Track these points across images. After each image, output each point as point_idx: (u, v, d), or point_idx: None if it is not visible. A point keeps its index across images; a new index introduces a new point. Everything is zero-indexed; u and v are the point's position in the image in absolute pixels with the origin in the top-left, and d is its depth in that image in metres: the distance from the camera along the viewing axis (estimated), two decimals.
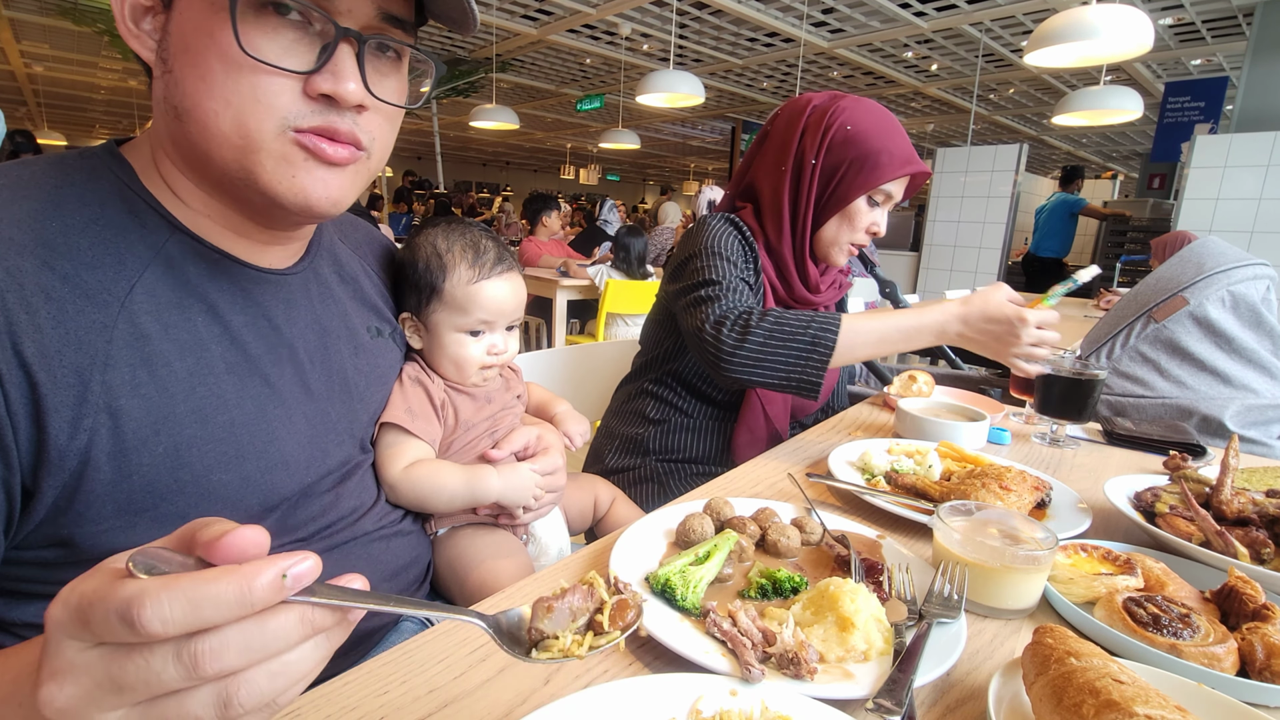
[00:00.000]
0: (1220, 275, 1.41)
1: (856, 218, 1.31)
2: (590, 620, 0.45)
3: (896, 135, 1.29)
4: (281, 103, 0.58)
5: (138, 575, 0.30)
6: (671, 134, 15.69)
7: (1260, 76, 5.10)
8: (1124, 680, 0.48)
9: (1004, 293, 1.16)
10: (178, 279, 0.62)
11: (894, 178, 1.28)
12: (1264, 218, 4.69)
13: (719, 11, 6.95)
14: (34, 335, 0.53)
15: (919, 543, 0.86)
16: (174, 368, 0.60)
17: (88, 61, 10.24)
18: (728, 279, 1.23)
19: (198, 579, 0.29)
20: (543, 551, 0.97)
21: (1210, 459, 1.18)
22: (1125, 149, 13.76)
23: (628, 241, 4.34)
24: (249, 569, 0.30)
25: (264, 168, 0.60)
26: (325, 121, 0.60)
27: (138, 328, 0.58)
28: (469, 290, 0.90)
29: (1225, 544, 0.79)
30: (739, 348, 1.12)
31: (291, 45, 0.58)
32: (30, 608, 0.60)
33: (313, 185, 0.62)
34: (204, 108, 0.58)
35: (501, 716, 0.53)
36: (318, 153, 0.61)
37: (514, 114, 8.18)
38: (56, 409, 0.53)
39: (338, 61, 0.59)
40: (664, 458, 1.40)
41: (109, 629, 0.29)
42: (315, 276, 0.78)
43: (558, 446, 0.99)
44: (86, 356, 0.55)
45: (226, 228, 0.67)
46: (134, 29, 0.61)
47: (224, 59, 0.56)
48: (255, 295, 0.69)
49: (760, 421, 1.35)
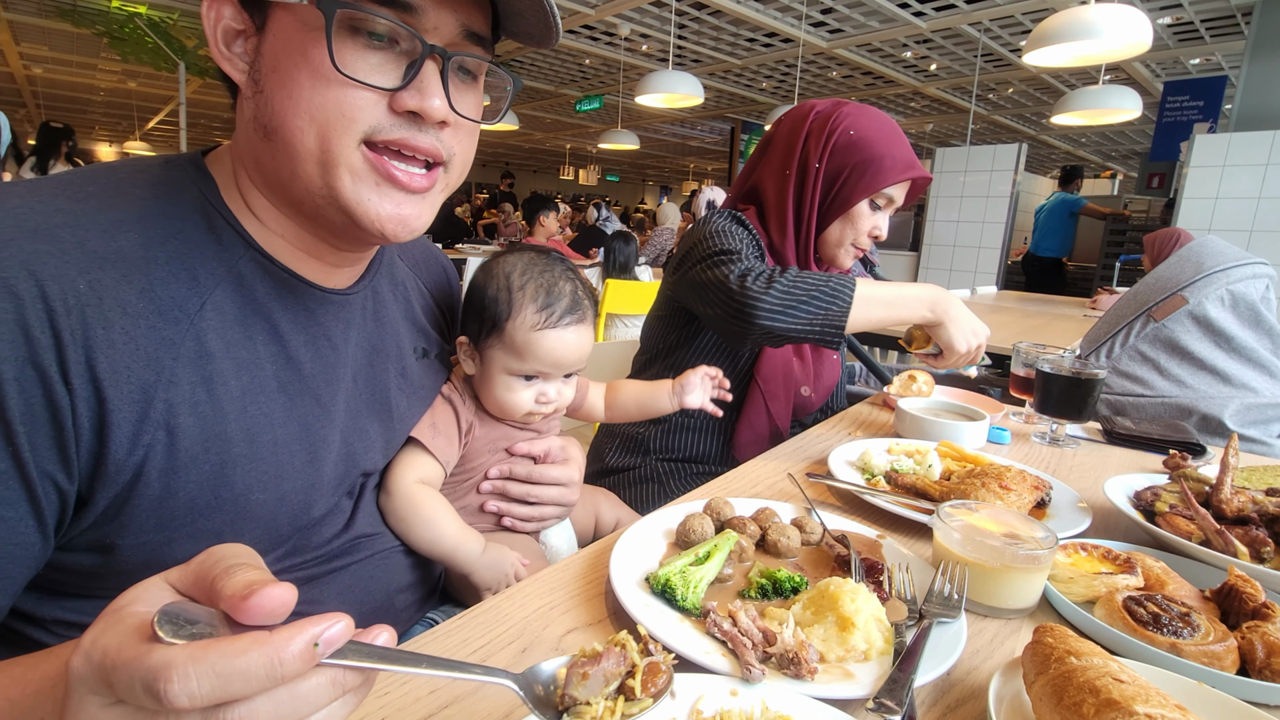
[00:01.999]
0: (1219, 274, 1.41)
1: (859, 221, 1.33)
2: (621, 684, 0.44)
3: (898, 141, 1.32)
4: (366, 117, 0.59)
5: (164, 639, 0.29)
6: (671, 134, 15.69)
7: (1259, 75, 5.10)
8: (1124, 679, 0.48)
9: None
10: (246, 297, 0.64)
11: (895, 182, 1.30)
12: (1263, 217, 4.69)
13: (718, 12, 6.95)
14: (107, 351, 0.54)
15: (919, 543, 0.86)
16: (229, 386, 0.61)
17: (86, 63, 10.24)
18: (744, 248, 1.25)
19: (226, 651, 0.29)
20: (554, 558, 0.98)
21: (1210, 458, 1.18)
22: (1124, 148, 13.76)
23: (616, 245, 4.34)
24: (280, 639, 0.29)
25: (343, 183, 0.61)
26: (407, 136, 0.61)
27: (203, 345, 0.60)
28: (530, 336, 0.86)
29: (1225, 543, 0.79)
30: (764, 294, 1.14)
31: (380, 64, 0.59)
32: (64, 604, 0.61)
33: (389, 210, 0.63)
34: (290, 125, 0.59)
35: (502, 717, 0.53)
36: (393, 179, 0.62)
37: (513, 114, 8.18)
38: (120, 424, 0.54)
39: (424, 78, 0.60)
40: (665, 457, 1.40)
41: (133, 696, 0.29)
42: (373, 295, 0.79)
43: (577, 461, 0.98)
44: (153, 373, 0.56)
45: (299, 248, 0.68)
46: (226, 52, 0.62)
47: (314, 76, 0.58)
48: (318, 315, 0.70)
49: (763, 418, 1.36)
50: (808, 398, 1.46)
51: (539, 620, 0.66)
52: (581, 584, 0.73)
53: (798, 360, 1.45)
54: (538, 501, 0.94)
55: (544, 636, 0.64)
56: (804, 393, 1.45)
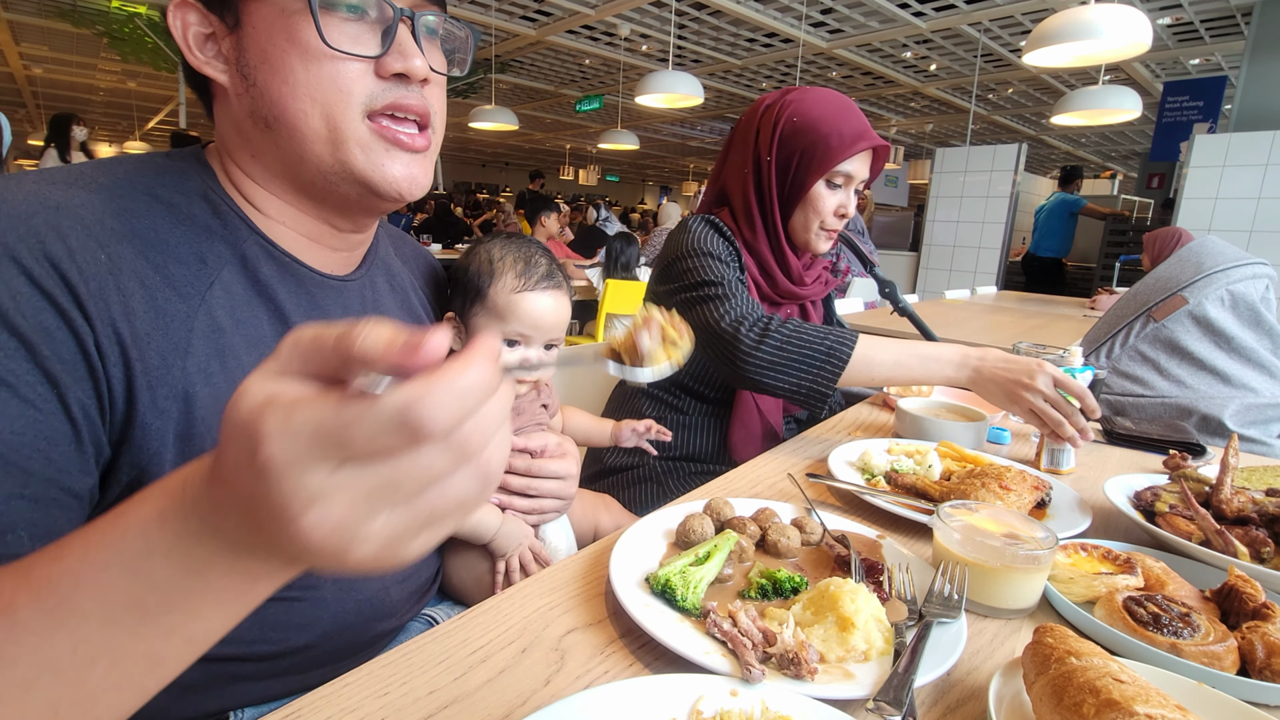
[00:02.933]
0: (1219, 274, 1.41)
1: (819, 203, 1.33)
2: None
3: (845, 117, 1.30)
4: (360, 88, 0.63)
5: (376, 393, 0.29)
6: (670, 134, 15.69)
7: (1258, 76, 5.10)
8: (1124, 679, 0.48)
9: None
10: (251, 279, 0.66)
11: (845, 158, 1.29)
12: (1263, 217, 4.69)
13: (718, 12, 6.95)
14: (127, 318, 0.56)
15: (919, 543, 0.86)
16: (241, 360, 0.63)
17: (86, 63, 10.24)
18: (727, 280, 1.24)
19: (452, 375, 0.29)
20: (553, 555, 0.98)
21: (1210, 458, 1.18)
22: (1124, 148, 13.77)
23: (617, 246, 4.35)
24: (483, 355, 0.31)
25: (355, 156, 0.64)
26: (397, 98, 0.65)
27: (215, 320, 0.62)
28: (511, 299, 0.91)
29: (1225, 543, 0.79)
30: (757, 348, 1.14)
31: (359, 35, 0.63)
32: None
33: (402, 169, 0.67)
34: (293, 110, 0.62)
35: (502, 717, 0.53)
36: (399, 142, 0.66)
37: (513, 115, 8.18)
38: (144, 387, 0.56)
39: (401, 41, 0.64)
40: (662, 455, 1.40)
41: (380, 443, 0.29)
42: (370, 284, 0.81)
43: (574, 457, 1.00)
44: (171, 343, 0.58)
45: (300, 233, 0.71)
46: (201, 56, 0.65)
47: (305, 57, 0.61)
48: (319, 299, 0.72)
49: (755, 418, 1.36)
50: None
51: (539, 620, 0.66)
52: (581, 584, 0.73)
53: None
54: (538, 494, 0.95)
55: (544, 636, 0.64)
56: None
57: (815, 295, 1.46)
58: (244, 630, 0.64)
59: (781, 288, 1.38)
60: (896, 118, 12.09)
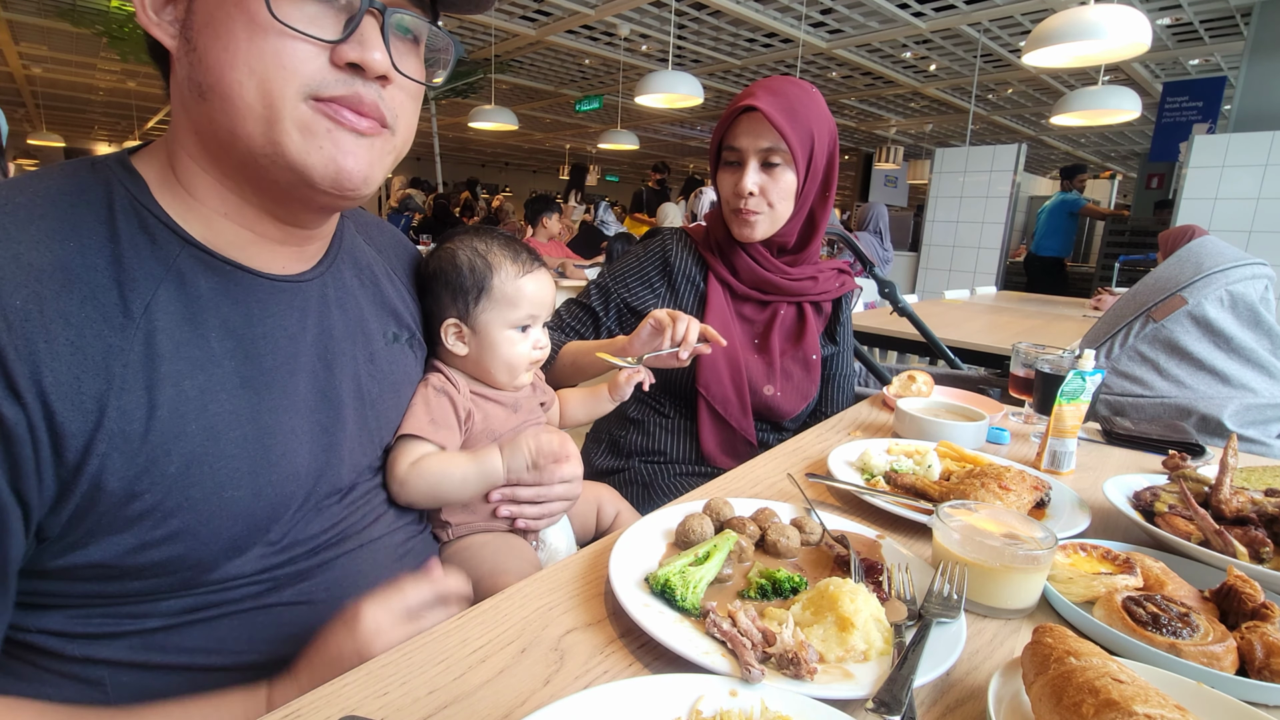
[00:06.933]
0: (1218, 275, 1.41)
1: (721, 185, 1.38)
2: None
3: (740, 95, 1.30)
4: (307, 70, 0.58)
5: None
6: (670, 134, 15.68)
7: (1258, 76, 5.10)
8: (1123, 679, 0.48)
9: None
10: (190, 295, 0.62)
11: (723, 134, 1.33)
12: (1262, 217, 4.69)
13: (717, 12, 6.95)
14: (52, 364, 0.53)
15: (919, 543, 0.86)
16: (184, 387, 0.60)
17: (86, 63, 10.23)
18: (563, 317, 1.43)
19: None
20: (552, 557, 0.98)
21: (1209, 458, 1.18)
22: (1124, 149, 13.76)
23: (618, 246, 4.36)
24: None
25: (290, 138, 0.59)
26: (350, 90, 0.60)
27: (152, 348, 0.58)
28: (518, 284, 0.93)
29: (1224, 543, 0.79)
30: None
31: (317, 15, 0.59)
32: (53, 616, 0.60)
33: (342, 156, 0.61)
34: (228, 79, 0.57)
35: (501, 717, 0.53)
36: (341, 120, 0.61)
37: (513, 115, 8.17)
38: (73, 435, 0.54)
39: (363, 31, 0.60)
40: (646, 459, 1.40)
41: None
42: (334, 280, 0.78)
43: (576, 456, 0.99)
44: (104, 381, 0.55)
45: (244, 226, 0.66)
46: (155, 18, 0.61)
47: (250, 26, 0.57)
48: (270, 306, 0.68)
49: (722, 424, 1.37)
50: (772, 397, 1.39)
51: (539, 620, 0.66)
52: (581, 584, 0.73)
53: (757, 358, 1.40)
54: (547, 500, 0.95)
55: (543, 636, 0.64)
56: (767, 392, 1.38)
57: (808, 293, 1.43)
58: (231, 641, 0.64)
59: (744, 278, 1.41)
60: (896, 118, 12.09)
